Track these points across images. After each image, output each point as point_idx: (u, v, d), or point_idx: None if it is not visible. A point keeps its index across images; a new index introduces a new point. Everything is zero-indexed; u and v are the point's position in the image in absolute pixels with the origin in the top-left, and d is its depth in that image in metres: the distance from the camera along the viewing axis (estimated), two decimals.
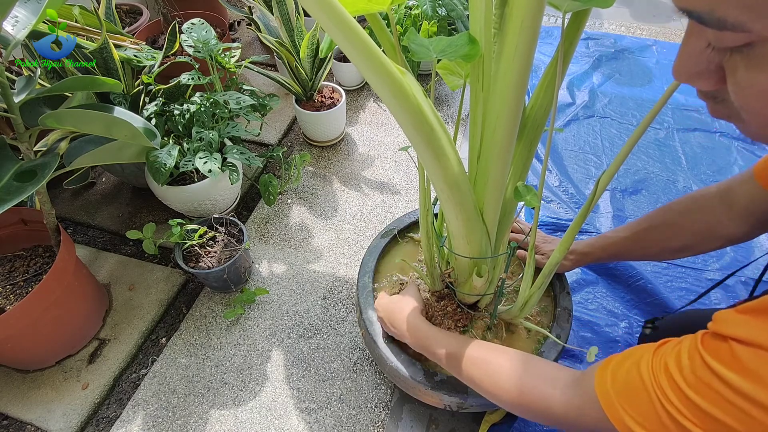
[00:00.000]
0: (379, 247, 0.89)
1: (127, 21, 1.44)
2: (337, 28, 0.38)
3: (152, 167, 0.91)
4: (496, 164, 0.53)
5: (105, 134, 0.75)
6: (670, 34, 1.90)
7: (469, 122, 0.58)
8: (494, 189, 0.56)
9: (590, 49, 1.78)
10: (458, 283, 0.74)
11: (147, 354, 0.97)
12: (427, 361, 0.74)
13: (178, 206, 1.09)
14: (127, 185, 1.28)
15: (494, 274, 0.70)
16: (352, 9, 0.46)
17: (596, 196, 0.54)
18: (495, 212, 0.61)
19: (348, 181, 1.31)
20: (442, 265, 0.79)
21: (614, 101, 1.54)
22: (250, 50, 1.76)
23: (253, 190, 1.30)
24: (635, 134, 0.48)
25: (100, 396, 0.90)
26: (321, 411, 0.87)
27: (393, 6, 0.48)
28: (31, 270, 0.90)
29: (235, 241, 1.00)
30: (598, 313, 1.00)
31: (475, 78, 0.52)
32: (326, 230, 1.19)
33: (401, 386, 0.77)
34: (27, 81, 0.73)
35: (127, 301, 1.03)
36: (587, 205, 0.55)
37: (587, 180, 1.30)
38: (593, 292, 1.04)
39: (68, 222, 1.21)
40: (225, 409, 0.88)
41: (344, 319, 1.01)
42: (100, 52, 0.94)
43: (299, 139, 1.45)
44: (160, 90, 1.03)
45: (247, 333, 0.99)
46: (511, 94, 0.46)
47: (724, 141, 1.41)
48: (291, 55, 1.21)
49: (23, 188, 0.63)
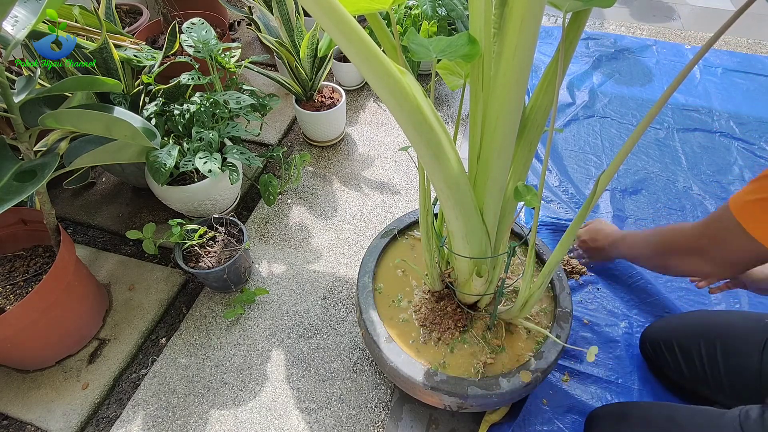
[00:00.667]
0: (379, 247, 0.89)
1: (127, 21, 1.44)
2: (336, 28, 0.38)
3: (152, 167, 0.91)
4: (496, 164, 0.53)
5: (105, 134, 0.75)
6: (670, 34, 1.90)
7: (468, 122, 0.58)
8: (494, 189, 0.56)
9: (590, 49, 1.78)
10: (458, 283, 0.74)
11: (147, 354, 0.97)
12: (429, 361, 0.74)
13: (178, 206, 1.09)
14: (128, 185, 1.28)
15: (494, 274, 0.70)
16: (352, 8, 0.46)
17: (596, 196, 0.54)
18: (495, 213, 0.61)
19: (348, 181, 1.31)
20: (442, 265, 0.79)
21: (614, 101, 1.54)
22: (250, 50, 1.76)
23: (253, 190, 1.30)
24: (633, 135, 0.48)
25: (100, 396, 0.90)
26: (321, 411, 0.87)
27: (393, 6, 0.48)
28: (31, 270, 0.90)
29: (235, 241, 1.00)
30: (598, 313, 1.00)
31: (475, 78, 0.52)
32: (326, 230, 1.19)
33: (401, 386, 0.78)
34: (27, 81, 0.73)
35: (127, 301, 1.03)
36: (587, 204, 0.55)
37: (587, 180, 1.30)
38: (593, 292, 1.04)
39: (68, 222, 1.21)
40: (225, 409, 0.88)
41: (344, 319, 1.01)
42: (100, 52, 0.94)
43: (299, 139, 1.45)
44: (160, 90, 1.03)
45: (247, 333, 0.99)
46: (511, 95, 0.46)
47: (724, 141, 1.41)
48: (291, 55, 1.21)
49: (23, 188, 0.63)
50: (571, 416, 0.84)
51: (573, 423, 0.83)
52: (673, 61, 1.72)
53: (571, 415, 0.84)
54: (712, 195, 1.25)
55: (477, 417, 0.86)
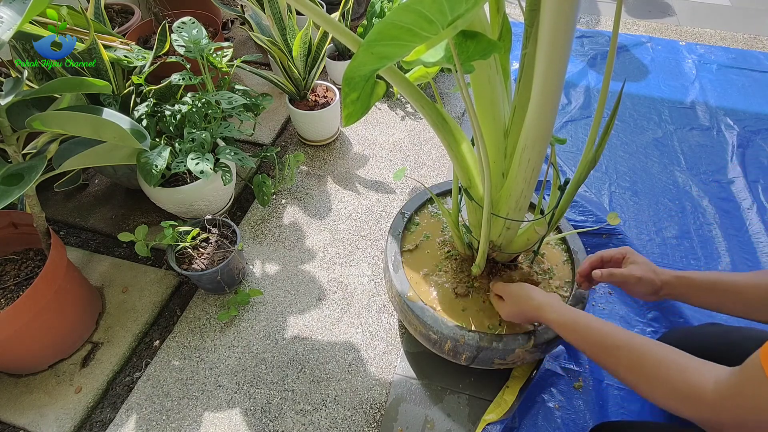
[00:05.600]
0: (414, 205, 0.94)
1: (119, 21, 1.43)
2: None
3: (143, 169, 0.90)
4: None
5: (93, 136, 0.74)
6: (666, 30, 1.89)
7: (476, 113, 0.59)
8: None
9: (585, 48, 1.77)
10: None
11: (141, 357, 0.97)
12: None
13: (171, 207, 1.08)
14: (120, 187, 1.27)
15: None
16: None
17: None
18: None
19: (342, 181, 1.30)
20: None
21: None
22: (243, 49, 1.75)
23: (247, 190, 1.29)
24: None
25: (93, 400, 0.89)
26: (316, 412, 0.87)
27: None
28: (23, 274, 0.89)
29: (228, 243, 0.99)
30: (611, 318, 1.00)
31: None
32: (321, 230, 1.18)
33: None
34: (14, 83, 0.72)
35: (121, 303, 1.03)
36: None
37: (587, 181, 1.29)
38: (605, 297, 1.03)
39: (61, 224, 1.20)
40: (219, 412, 0.88)
41: (339, 319, 1.00)
42: (89, 52, 0.93)
43: (293, 138, 1.44)
44: (151, 90, 1.02)
45: (241, 335, 0.98)
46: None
47: (722, 139, 1.40)
48: (283, 54, 1.20)
49: (9, 192, 0.62)
50: (581, 422, 0.84)
51: (583, 429, 0.83)
52: (668, 58, 1.72)
53: (581, 421, 0.84)
54: (713, 195, 1.24)
55: (474, 417, 0.86)
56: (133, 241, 0.96)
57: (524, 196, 0.63)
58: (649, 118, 1.48)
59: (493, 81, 0.57)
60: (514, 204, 0.65)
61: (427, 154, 1.38)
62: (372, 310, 1.02)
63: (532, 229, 0.71)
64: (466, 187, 0.70)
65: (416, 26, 0.40)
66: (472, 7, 0.39)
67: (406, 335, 0.97)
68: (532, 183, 0.61)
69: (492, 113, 0.60)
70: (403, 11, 0.39)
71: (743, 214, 1.20)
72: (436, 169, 1.34)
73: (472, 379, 0.91)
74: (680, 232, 1.16)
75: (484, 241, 0.70)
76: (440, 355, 0.82)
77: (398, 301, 0.82)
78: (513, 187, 0.62)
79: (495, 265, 0.84)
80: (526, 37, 0.54)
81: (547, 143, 0.55)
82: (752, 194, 1.23)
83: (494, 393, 0.88)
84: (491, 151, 0.64)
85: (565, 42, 0.43)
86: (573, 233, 0.88)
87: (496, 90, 0.59)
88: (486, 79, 0.57)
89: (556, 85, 0.47)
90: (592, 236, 1.14)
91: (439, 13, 0.39)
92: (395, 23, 0.40)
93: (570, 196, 0.69)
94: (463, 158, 0.67)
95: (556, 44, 0.43)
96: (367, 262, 1.11)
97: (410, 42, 0.42)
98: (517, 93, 0.59)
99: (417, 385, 0.90)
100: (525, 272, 0.83)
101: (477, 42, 0.47)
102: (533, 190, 0.63)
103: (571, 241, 0.88)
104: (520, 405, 0.84)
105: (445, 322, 0.76)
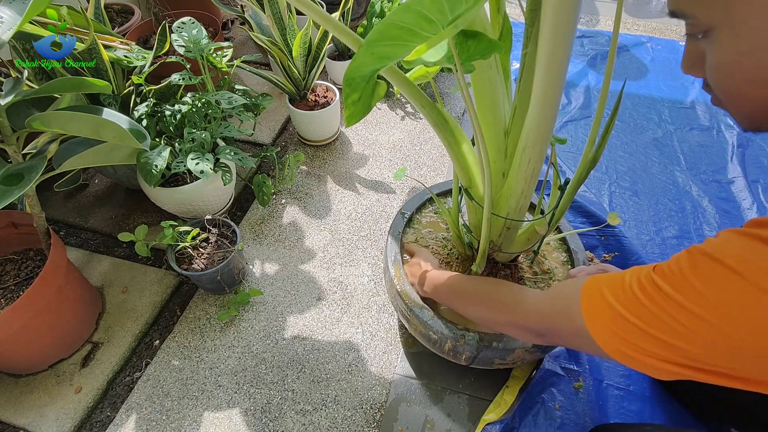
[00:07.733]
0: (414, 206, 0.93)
1: (119, 21, 1.43)
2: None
3: (143, 169, 0.90)
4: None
5: (93, 136, 0.74)
6: (665, 30, 1.89)
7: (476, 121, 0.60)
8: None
9: (585, 48, 1.77)
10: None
11: (141, 357, 0.97)
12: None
13: (171, 207, 1.08)
14: (120, 187, 1.27)
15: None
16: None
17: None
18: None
19: (342, 181, 1.30)
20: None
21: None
22: (244, 49, 1.75)
23: (247, 190, 1.29)
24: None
25: (93, 400, 0.89)
26: (316, 413, 0.87)
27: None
28: (23, 273, 0.89)
29: (228, 243, 0.99)
30: None
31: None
32: (321, 230, 1.18)
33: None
34: (14, 83, 0.72)
35: (121, 303, 1.03)
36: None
37: (587, 181, 1.29)
38: None
39: (61, 224, 1.20)
40: (219, 412, 0.88)
41: (339, 320, 1.00)
42: (89, 52, 0.93)
43: (293, 138, 1.44)
44: (151, 90, 1.02)
45: (241, 335, 0.98)
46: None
47: (722, 139, 1.40)
48: (283, 54, 1.20)
49: (9, 192, 0.62)
50: (582, 422, 0.84)
51: (583, 429, 0.83)
52: (668, 58, 1.72)
53: (582, 421, 0.84)
54: (713, 195, 1.24)
55: (474, 417, 0.86)
56: (133, 241, 0.96)
57: (524, 196, 0.63)
58: (649, 118, 1.48)
59: (494, 81, 0.57)
60: (514, 204, 0.65)
61: (427, 154, 1.38)
62: (372, 310, 1.02)
63: (533, 229, 0.71)
64: (467, 186, 0.70)
65: (416, 26, 0.40)
66: (472, 6, 0.39)
67: (406, 335, 0.97)
68: (533, 183, 0.61)
69: (492, 113, 0.60)
70: (403, 11, 0.39)
71: (743, 214, 1.19)
72: (436, 169, 1.34)
73: (472, 379, 0.91)
74: (680, 232, 1.16)
75: (485, 241, 0.70)
76: (440, 355, 0.82)
77: (398, 301, 0.82)
78: (513, 186, 0.62)
79: (495, 265, 0.83)
80: (526, 37, 0.54)
81: (548, 143, 0.55)
82: (752, 194, 1.23)
83: (494, 393, 0.88)
84: (491, 150, 0.64)
85: (566, 42, 0.43)
86: (573, 233, 0.88)
87: (497, 90, 0.59)
88: (486, 79, 0.57)
89: (556, 85, 0.47)
90: (592, 236, 1.14)
91: (439, 12, 0.39)
92: (396, 23, 0.40)
93: (570, 196, 0.69)
94: (464, 158, 0.67)
95: (557, 44, 0.43)
96: (367, 262, 1.11)
97: (411, 42, 0.42)
98: (517, 93, 0.59)
99: (417, 385, 0.90)
100: (525, 272, 0.83)
101: (478, 42, 0.47)
102: (533, 190, 0.63)
103: (571, 241, 0.88)
104: (520, 405, 0.84)
105: (445, 322, 0.76)
